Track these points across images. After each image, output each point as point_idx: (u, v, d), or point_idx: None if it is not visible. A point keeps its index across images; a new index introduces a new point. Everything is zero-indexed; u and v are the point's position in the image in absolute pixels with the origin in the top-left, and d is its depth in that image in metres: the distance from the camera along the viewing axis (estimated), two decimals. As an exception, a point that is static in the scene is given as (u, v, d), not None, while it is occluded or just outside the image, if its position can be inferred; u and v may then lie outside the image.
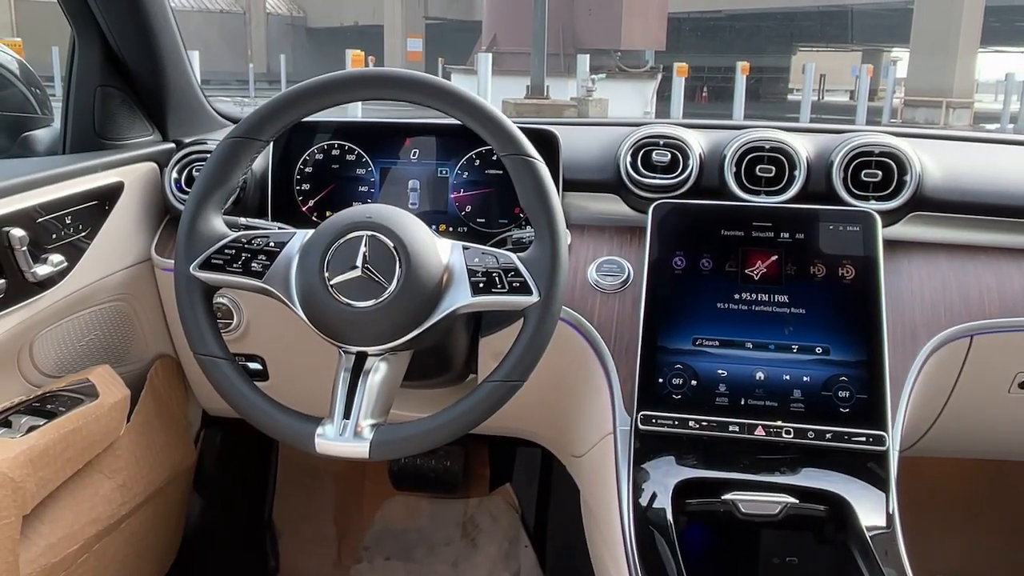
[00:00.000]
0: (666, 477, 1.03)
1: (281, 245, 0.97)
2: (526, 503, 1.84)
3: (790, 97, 27.97)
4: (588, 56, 13.44)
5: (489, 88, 11.72)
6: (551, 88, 12.89)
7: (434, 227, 1.24)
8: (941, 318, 1.13)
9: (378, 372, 0.94)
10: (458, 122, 0.98)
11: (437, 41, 25.09)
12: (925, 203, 1.17)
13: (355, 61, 11.33)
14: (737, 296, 1.10)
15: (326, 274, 0.91)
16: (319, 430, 0.92)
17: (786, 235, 1.12)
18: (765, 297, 1.10)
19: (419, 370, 1.04)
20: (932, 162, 1.19)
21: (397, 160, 1.27)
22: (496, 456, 1.90)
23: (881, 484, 1.01)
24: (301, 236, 0.97)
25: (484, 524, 1.83)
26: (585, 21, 15.59)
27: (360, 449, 0.91)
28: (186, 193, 1.29)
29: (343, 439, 0.91)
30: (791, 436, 1.04)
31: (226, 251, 0.96)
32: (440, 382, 1.28)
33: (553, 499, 1.78)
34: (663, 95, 14.86)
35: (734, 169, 1.19)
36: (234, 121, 1.49)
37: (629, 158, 1.21)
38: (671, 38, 17.53)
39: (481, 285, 0.93)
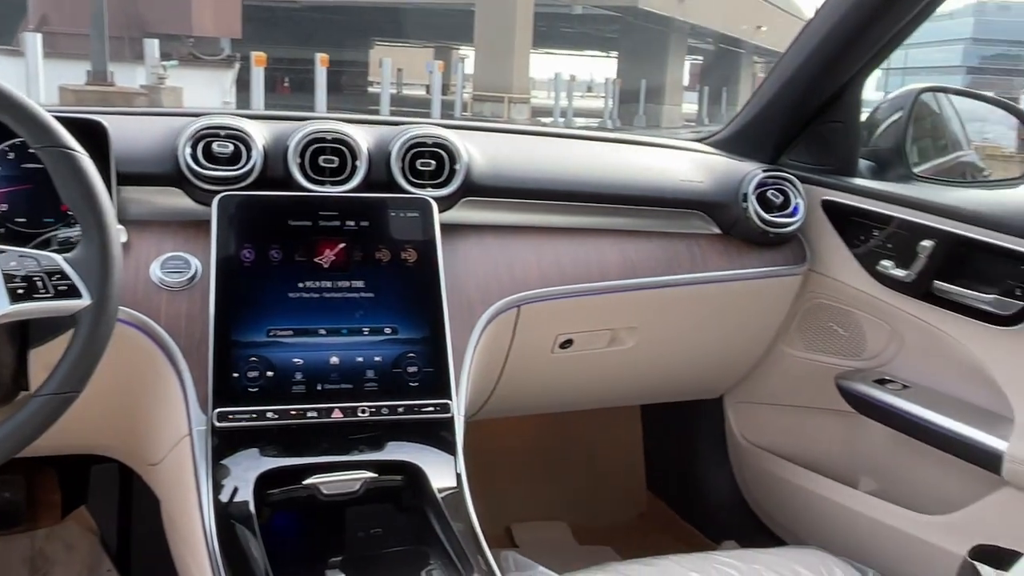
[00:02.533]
0: (247, 471, 1.02)
1: None
2: (106, 524, 1.70)
3: (371, 90, 28.79)
4: (157, 41, 12.58)
5: (40, 72, 10.48)
6: (117, 74, 11.85)
7: None
8: (493, 292, 1.26)
9: None
10: None
11: (-29, 16, 21.73)
12: (474, 189, 1.29)
13: None
14: (308, 285, 1.12)
15: None
16: None
17: (352, 223, 1.17)
18: (335, 284, 1.13)
19: (-48, 393, 0.91)
20: (478, 152, 1.32)
21: None
22: (67, 478, 1.72)
23: (450, 449, 1.10)
24: None
25: (57, 555, 1.65)
26: (151, 3, 14.54)
27: None
28: None
29: None
30: (367, 415, 1.09)
31: None
32: None
33: (135, 515, 1.67)
34: (244, 85, 14.45)
35: (298, 160, 1.20)
36: None
37: (189, 149, 1.17)
38: (249, 27, 17.05)
39: (21, 291, 0.85)
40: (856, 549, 1.40)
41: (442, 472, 1.08)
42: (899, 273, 1.38)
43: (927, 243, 1.33)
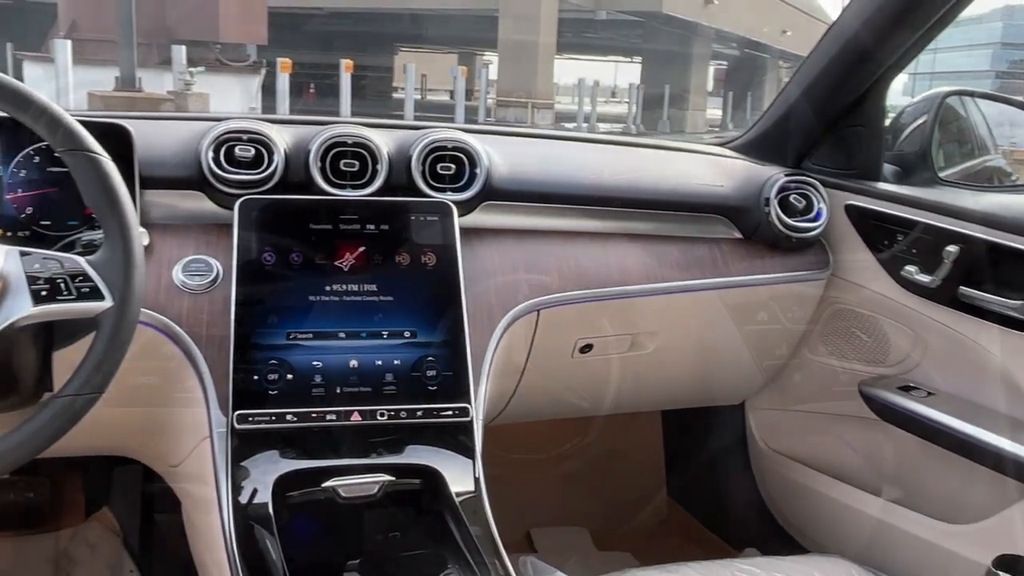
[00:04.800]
0: (266, 474, 1.03)
1: None
2: (129, 525, 1.71)
3: (395, 95, 28.90)
4: (184, 47, 12.71)
5: (70, 79, 10.63)
6: (144, 80, 11.98)
7: None
8: (512, 296, 1.26)
9: None
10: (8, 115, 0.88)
11: (2, 24, 22.04)
12: (494, 193, 1.29)
13: None
14: (328, 288, 1.13)
15: None
16: None
17: (372, 227, 1.17)
18: (355, 287, 1.14)
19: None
20: (499, 156, 1.32)
21: None
22: (91, 479, 1.74)
23: (468, 453, 1.10)
24: None
25: (81, 556, 1.67)
26: (178, 10, 14.70)
27: None
28: None
29: None
30: (386, 418, 1.09)
31: None
32: (8, 404, 1.14)
33: (158, 516, 1.68)
34: (270, 91, 14.56)
35: (319, 164, 1.21)
36: None
37: (211, 153, 1.18)
38: (275, 33, 17.19)
39: (44, 293, 0.86)
40: (879, 557, 1.38)
41: (460, 476, 1.08)
42: (924, 279, 1.36)
43: (952, 248, 1.31)
